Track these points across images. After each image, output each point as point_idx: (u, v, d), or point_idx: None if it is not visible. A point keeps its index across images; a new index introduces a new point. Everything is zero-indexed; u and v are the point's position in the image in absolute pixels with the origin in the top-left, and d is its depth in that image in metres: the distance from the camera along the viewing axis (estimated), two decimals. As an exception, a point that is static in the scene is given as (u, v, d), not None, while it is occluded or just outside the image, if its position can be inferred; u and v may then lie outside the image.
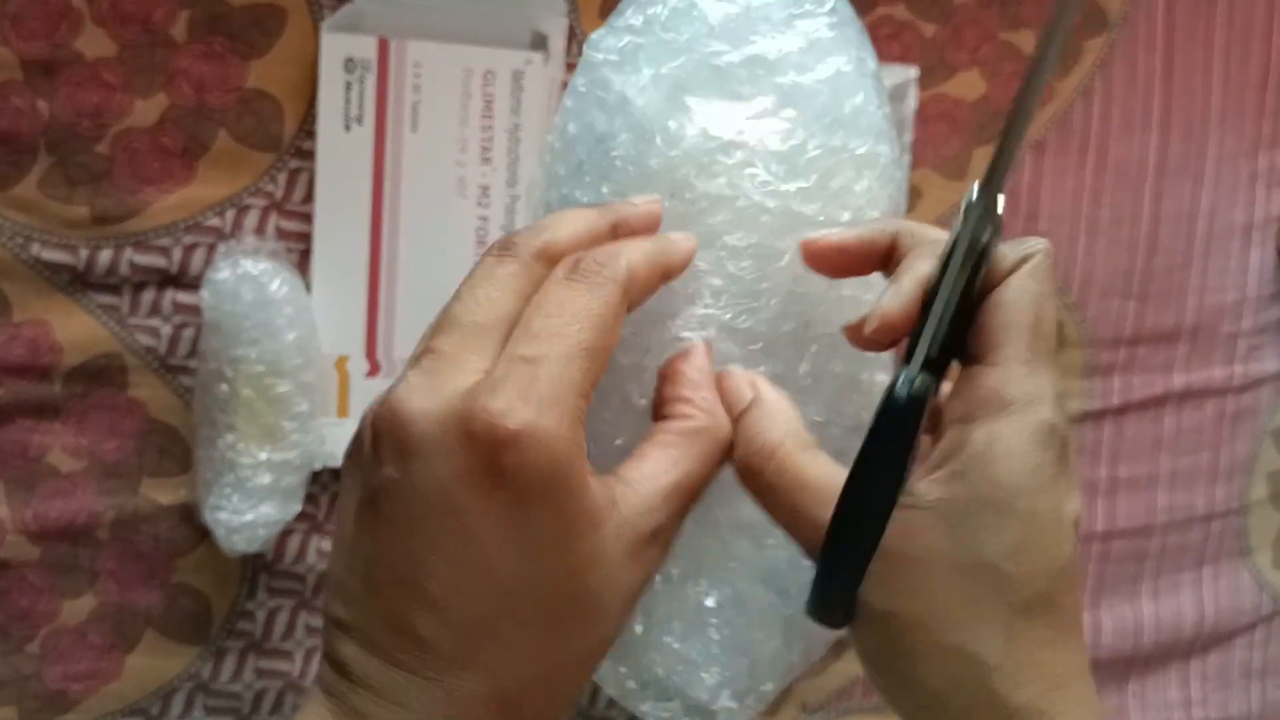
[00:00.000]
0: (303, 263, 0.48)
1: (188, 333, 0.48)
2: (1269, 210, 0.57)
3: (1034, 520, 0.29)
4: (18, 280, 0.46)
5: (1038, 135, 0.54)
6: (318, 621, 0.50)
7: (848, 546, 0.30)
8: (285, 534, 0.49)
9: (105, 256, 0.47)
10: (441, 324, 0.30)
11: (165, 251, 0.47)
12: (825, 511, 0.30)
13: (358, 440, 0.30)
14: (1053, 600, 0.29)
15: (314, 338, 0.47)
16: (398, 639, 0.28)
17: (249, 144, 0.47)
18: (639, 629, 0.38)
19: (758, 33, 0.36)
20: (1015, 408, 0.29)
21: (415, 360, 0.29)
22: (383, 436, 0.28)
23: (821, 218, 0.36)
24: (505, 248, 0.31)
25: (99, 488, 0.48)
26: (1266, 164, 0.57)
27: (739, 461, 0.32)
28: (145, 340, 0.48)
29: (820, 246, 0.34)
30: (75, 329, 0.47)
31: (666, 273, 0.33)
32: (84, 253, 0.46)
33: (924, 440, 0.32)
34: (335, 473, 0.49)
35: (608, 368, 0.30)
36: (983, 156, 0.52)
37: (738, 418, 0.32)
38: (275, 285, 0.45)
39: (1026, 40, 0.53)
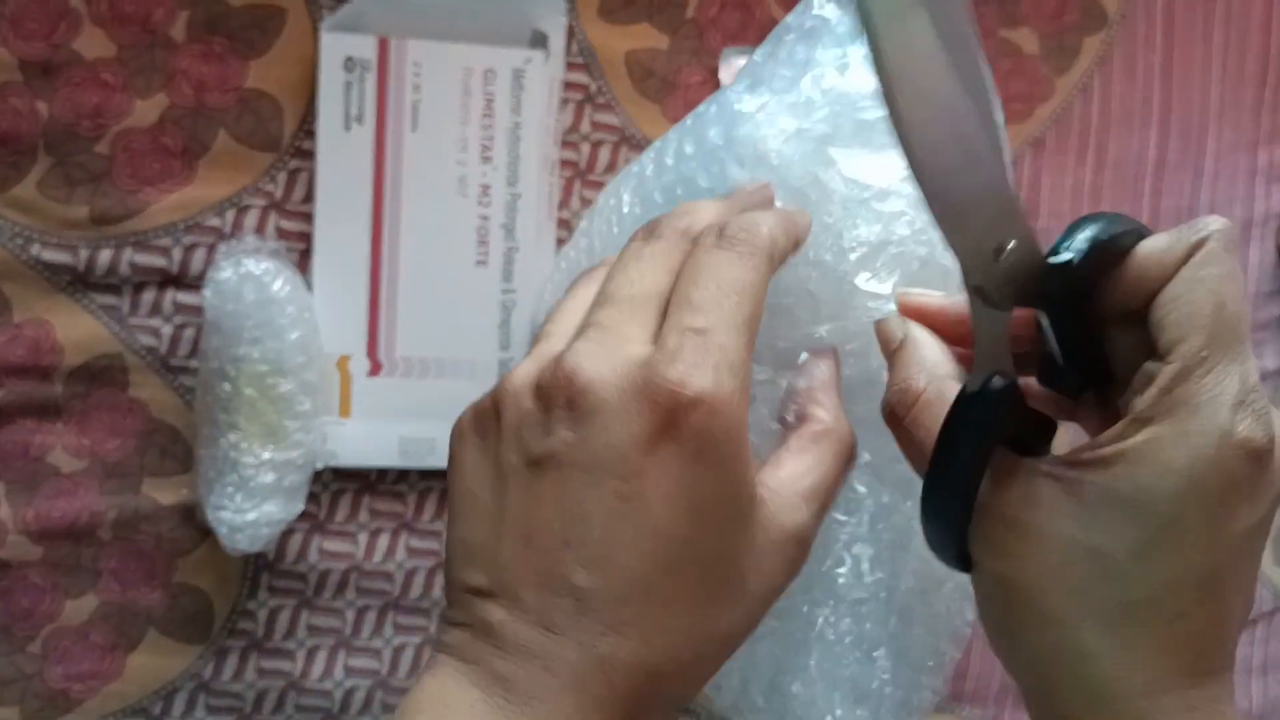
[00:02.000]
0: (303, 262, 0.48)
1: (188, 332, 0.48)
2: (1268, 206, 0.58)
3: (1171, 529, 0.28)
4: (18, 281, 0.46)
5: (1037, 132, 0.54)
6: (319, 621, 0.50)
7: (941, 499, 0.30)
8: (287, 533, 0.49)
9: (105, 257, 0.47)
10: (599, 300, 0.31)
11: (165, 251, 0.47)
12: None
13: (489, 408, 0.31)
14: (1179, 607, 0.28)
15: (316, 337, 0.47)
16: (556, 600, 0.28)
17: (249, 144, 0.47)
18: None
19: None
20: (1184, 410, 0.28)
21: (580, 332, 0.31)
22: (556, 399, 0.29)
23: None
24: (650, 230, 0.33)
25: (100, 488, 0.48)
26: (1265, 160, 0.57)
27: (887, 404, 0.32)
28: (146, 340, 0.48)
29: (913, 305, 0.34)
30: (76, 329, 0.47)
31: (799, 239, 0.34)
32: (84, 253, 0.46)
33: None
34: (337, 472, 0.49)
35: None
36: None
37: (895, 351, 0.32)
38: (278, 284, 0.45)
39: (1025, 38, 0.53)
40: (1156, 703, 0.28)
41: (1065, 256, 0.30)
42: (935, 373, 0.31)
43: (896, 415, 0.31)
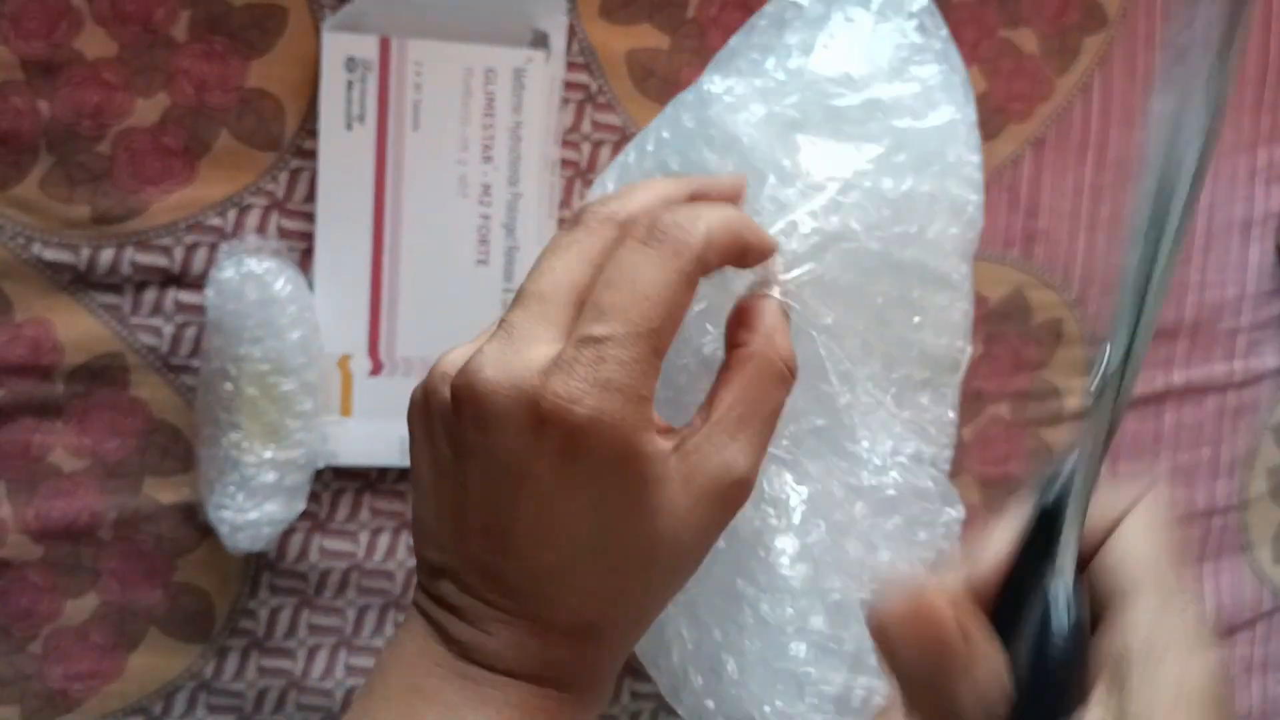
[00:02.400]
0: (304, 262, 0.48)
1: (189, 332, 0.48)
2: (1268, 206, 0.58)
3: None
4: (19, 280, 0.46)
5: (1037, 132, 0.54)
6: (320, 620, 0.50)
7: None
8: (288, 533, 0.49)
9: (107, 256, 0.47)
10: (515, 298, 0.31)
11: (167, 251, 0.47)
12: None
13: (425, 396, 0.32)
14: None
15: (317, 336, 0.47)
16: (485, 581, 0.31)
17: (250, 143, 0.47)
18: (731, 669, 0.38)
19: (874, 77, 0.37)
20: (1149, 661, 0.26)
21: (491, 333, 0.31)
22: (462, 404, 0.30)
23: (912, 264, 0.36)
24: (575, 217, 0.32)
25: (101, 487, 0.48)
26: (1265, 159, 0.57)
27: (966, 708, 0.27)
28: (147, 340, 0.48)
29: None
30: (77, 329, 0.47)
31: (746, 248, 0.32)
32: (85, 252, 0.46)
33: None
34: (338, 471, 0.49)
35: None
36: (986, 153, 0.52)
37: (963, 670, 0.27)
38: (279, 284, 0.45)
39: (1025, 38, 0.53)
40: None
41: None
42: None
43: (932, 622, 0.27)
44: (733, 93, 0.37)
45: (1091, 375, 0.27)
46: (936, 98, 0.37)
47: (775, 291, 0.34)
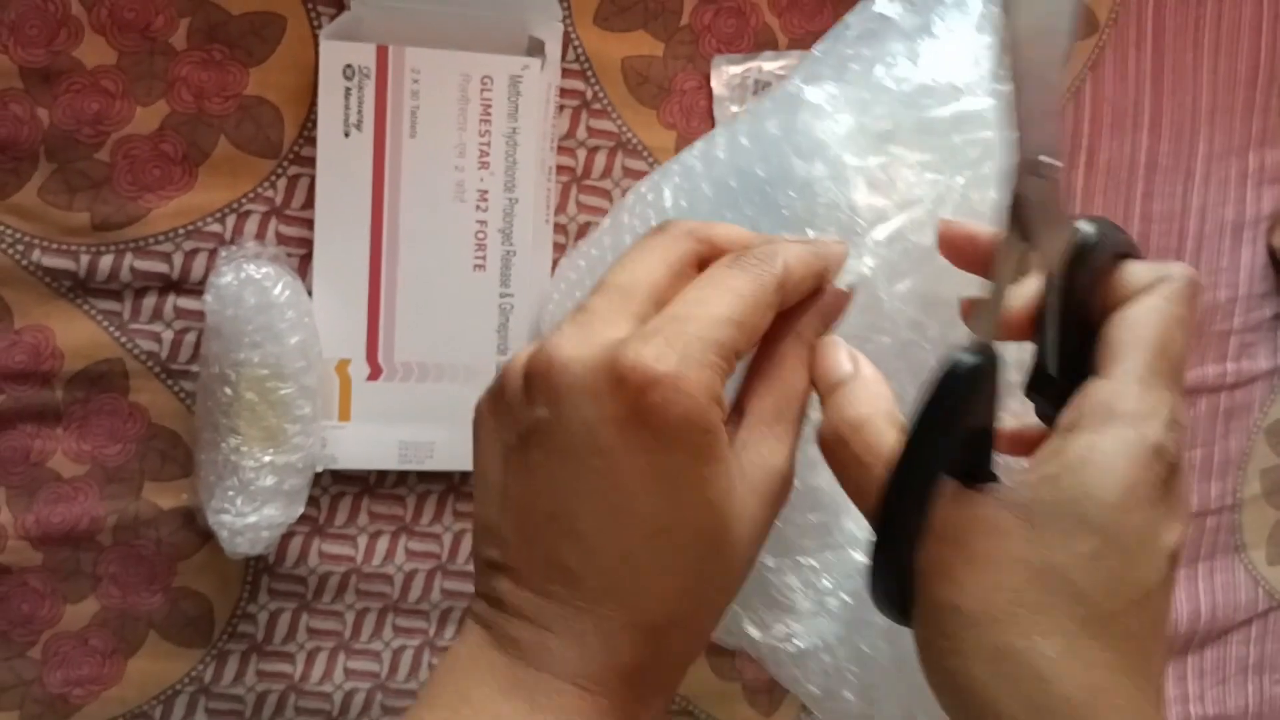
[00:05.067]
0: (302, 267, 0.48)
1: (189, 338, 0.48)
2: (1260, 208, 0.58)
3: (1118, 538, 0.28)
4: (19, 287, 0.47)
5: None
6: (319, 624, 0.50)
7: (893, 526, 0.29)
8: (287, 537, 0.49)
9: (106, 262, 0.47)
10: (595, 288, 0.32)
11: (166, 257, 0.47)
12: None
13: (498, 389, 0.32)
14: (1125, 626, 0.28)
15: (316, 341, 0.47)
16: (549, 572, 0.30)
17: (249, 150, 0.48)
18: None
19: (974, 86, 0.36)
20: (1122, 422, 0.29)
21: (570, 316, 0.31)
22: (536, 379, 0.30)
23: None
24: (661, 226, 0.34)
25: (101, 492, 0.48)
26: (1257, 162, 0.57)
27: (825, 430, 0.32)
28: (146, 345, 0.48)
29: (956, 232, 0.34)
30: (76, 335, 0.47)
31: (820, 276, 0.34)
32: (85, 259, 0.47)
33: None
34: (337, 475, 0.50)
35: None
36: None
37: (832, 388, 0.32)
38: (278, 289, 0.45)
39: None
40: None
41: (1084, 227, 0.31)
42: (881, 405, 0.31)
43: (839, 439, 0.31)
44: (828, 100, 0.37)
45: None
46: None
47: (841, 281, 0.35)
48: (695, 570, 0.30)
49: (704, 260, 0.33)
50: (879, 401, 0.31)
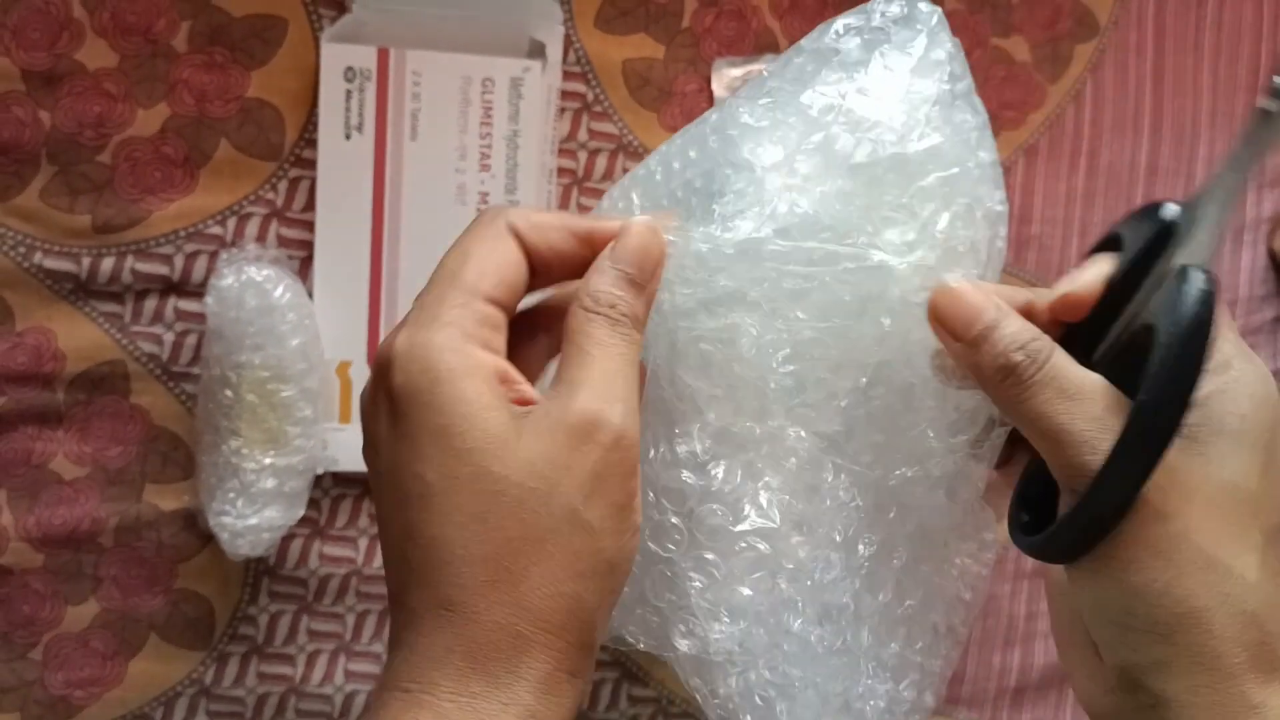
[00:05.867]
0: (303, 270, 0.48)
1: (190, 340, 0.48)
2: (1260, 211, 0.58)
3: (1273, 453, 0.31)
4: (21, 289, 0.47)
5: (1029, 139, 0.54)
6: (320, 626, 0.50)
7: (1131, 466, 0.30)
8: (287, 539, 0.49)
9: (108, 265, 0.47)
10: (435, 275, 0.33)
11: (167, 259, 0.47)
12: (1096, 428, 0.30)
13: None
14: None
15: (317, 343, 0.47)
16: (401, 578, 0.31)
17: (250, 153, 0.48)
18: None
19: (906, 129, 0.37)
20: (1238, 360, 0.32)
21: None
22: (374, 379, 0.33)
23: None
24: (483, 215, 0.34)
25: (102, 494, 0.48)
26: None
27: (1002, 360, 0.32)
28: (148, 347, 0.48)
29: (1074, 300, 0.35)
30: (78, 337, 0.47)
31: (580, 233, 0.33)
32: (86, 261, 0.47)
33: None
34: (338, 477, 0.50)
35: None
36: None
37: (988, 328, 0.33)
38: (279, 291, 0.45)
39: (1017, 46, 0.53)
40: None
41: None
42: (1047, 343, 0.32)
43: (1023, 372, 0.32)
44: (756, 122, 0.37)
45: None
46: (958, 150, 0.37)
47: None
48: (503, 531, 0.29)
49: (521, 238, 0.33)
50: (1039, 336, 0.32)
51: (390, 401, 0.30)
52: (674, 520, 0.37)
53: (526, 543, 0.29)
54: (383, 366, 0.30)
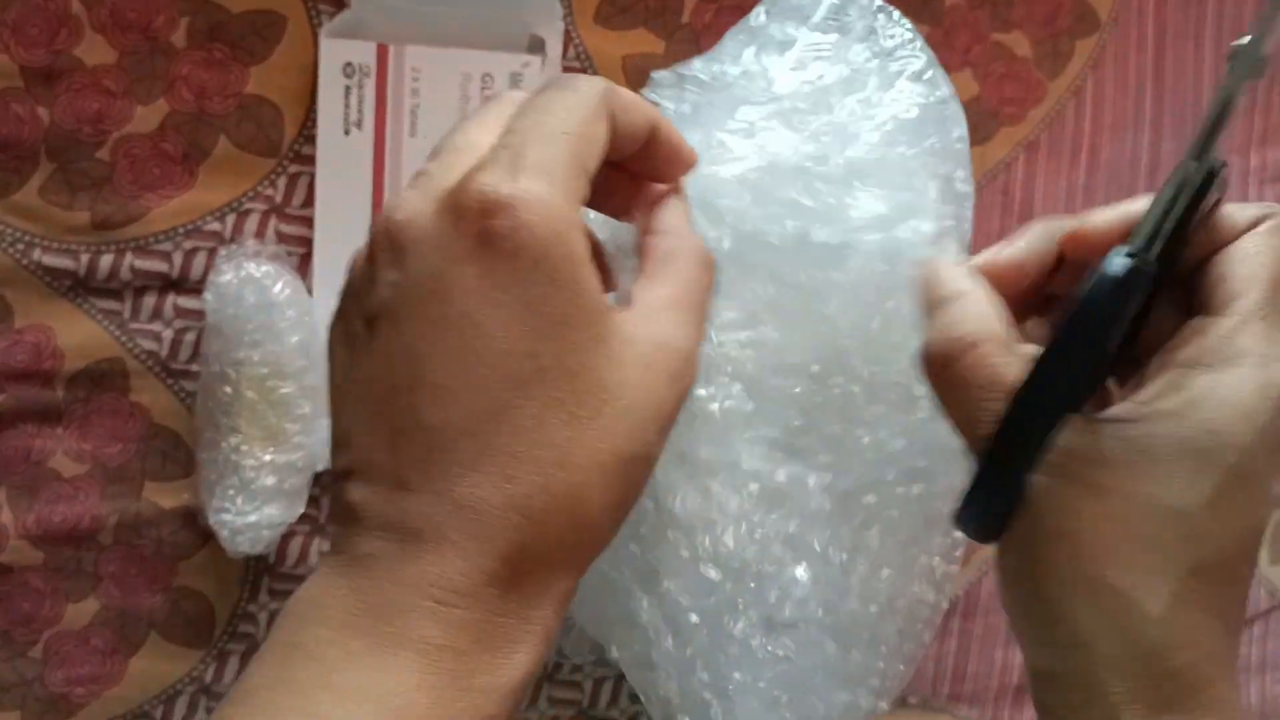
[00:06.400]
0: (303, 266, 0.48)
1: (189, 337, 0.48)
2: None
3: (1241, 480, 0.27)
4: (19, 286, 0.47)
5: (1030, 136, 0.54)
6: (320, 624, 0.50)
7: (1011, 454, 0.28)
8: (287, 536, 0.49)
9: (106, 262, 0.47)
10: (431, 153, 0.30)
11: (166, 256, 0.47)
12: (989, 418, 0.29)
13: (345, 290, 0.30)
14: (1232, 569, 0.28)
15: (316, 340, 0.47)
16: (404, 450, 0.26)
17: (249, 149, 0.48)
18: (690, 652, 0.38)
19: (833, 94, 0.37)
20: (1250, 361, 0.28)
21: (408, 183, 0.29)
22: (379, 250, 0.28)
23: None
24: (495, 97, 0.32)
25: (102, 492, 0.48)
26: (1258, 161, 0.57)
27: (933, 348, 0.31)
28: (147, 344, 0.48)
29: (1000, 265, 0.33)
30: (77, 334, 0.47)
31: (650, 121, 0.31)
32: (85, 258, 0.47)
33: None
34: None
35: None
36: (979, 156, 0.53)
37: (942, 302, 0.31)
38: (278, 288, 0.45)
39: (1017, 41, 0.53)
40: (1205, 663, 0.27)
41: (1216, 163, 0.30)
42: (994, 326, 0.30)
43: (949, 357, 0.30)
44: (677, 107, 0.37)
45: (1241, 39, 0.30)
46: (934, 123, 0.37)
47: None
48: (569, 432, 0.26)
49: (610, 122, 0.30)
50: (993, 322, 0.30)
51: (488, 247, 0.26)
52: (633, 548, 0.37)
53: (595, 465, 0.27)
54: (472, 204, 0.26)
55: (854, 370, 0.36)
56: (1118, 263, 0.28)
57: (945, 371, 0.30)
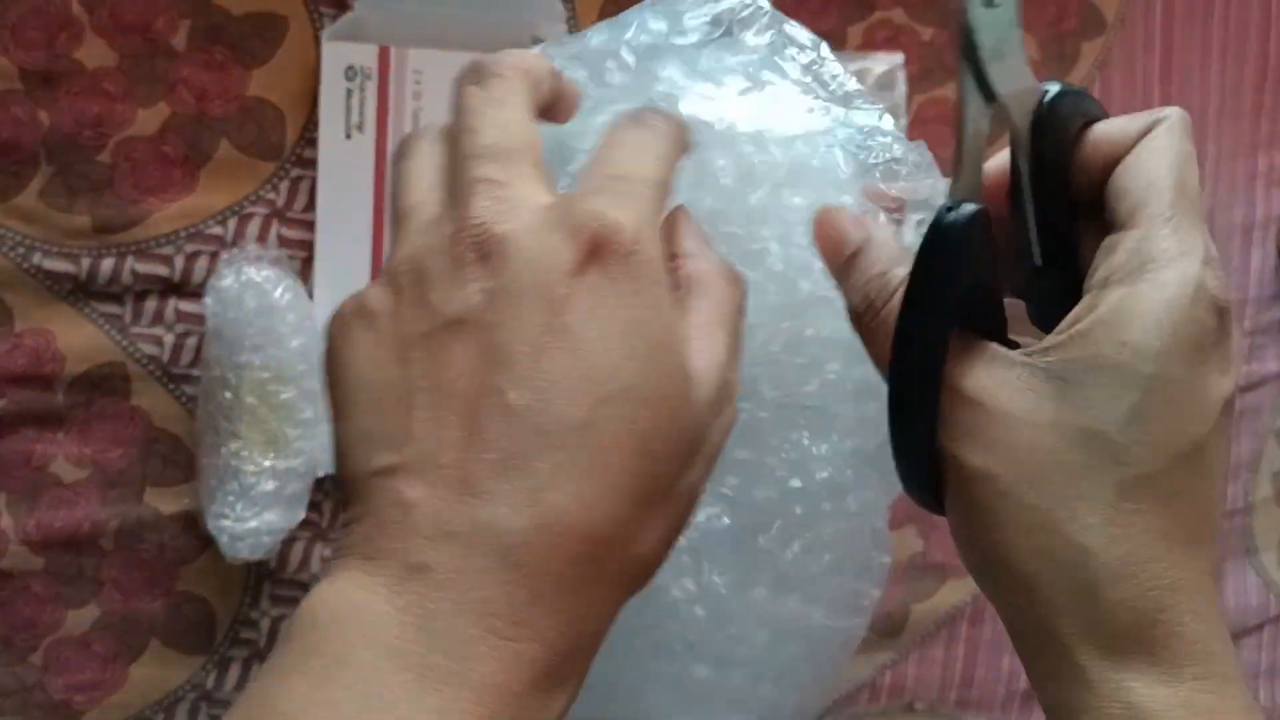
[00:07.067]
0: (304, 270, 0.48)
1: (190, 341, 0.48)
2: (1269, 210, 0.58)
3: (1162, 389, 0.26)
4: (20, 290, 0.46)
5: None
6: (322, 630, 0.50)
7: (907, 389, 0.28)
8: (288, 542, 0.49)
9: (107, 265, 0.47)
10: (468, 157, 0.28)
11: (167, 260, 0.47)
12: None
13: (390, 289, 0.28)
14: (1170, 485, 0.26)
15: (317, 344, 0.47)
16: (480, 451, 0.25)
17: (250, 152, 0.47)
18: None
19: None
20: (1156, 264, 0.27)
21: (477, 191, 0.27)
22: (466, 257, 0.26)
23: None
24: (479, 73, 0.30)
25: (102, 497, 0.48)
26: (1265, 164, 0.57)
27: (857, 295, 0.30)
28: (148, 349, 0.48)
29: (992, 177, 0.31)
30: (78, 338, 0.47)
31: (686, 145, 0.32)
32: (86, 262, 0.47)
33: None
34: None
35: None
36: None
37: (853, 255, 0.31)
38: (279, 292, 0.45)
39: (1024, 43, 0.53)
40: (1152, 592, 0.26)
41: (1051, 86, 0.30)
42: (901, 271, 0.29)
43: (873, 305, 0.30)
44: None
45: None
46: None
47: None
48: (641, 460, 0.26)
49: (537, 103, 0.30)
50: (898, 265, 0.30)
51: (599, 268, 0.26)
52: None
53: (666, 483, 0.27)
54: (590, 224, 0.26)
55: (760, 396, 0.35)
56: (946, 213, 0.28)
57: (872, 319, 0.30)
